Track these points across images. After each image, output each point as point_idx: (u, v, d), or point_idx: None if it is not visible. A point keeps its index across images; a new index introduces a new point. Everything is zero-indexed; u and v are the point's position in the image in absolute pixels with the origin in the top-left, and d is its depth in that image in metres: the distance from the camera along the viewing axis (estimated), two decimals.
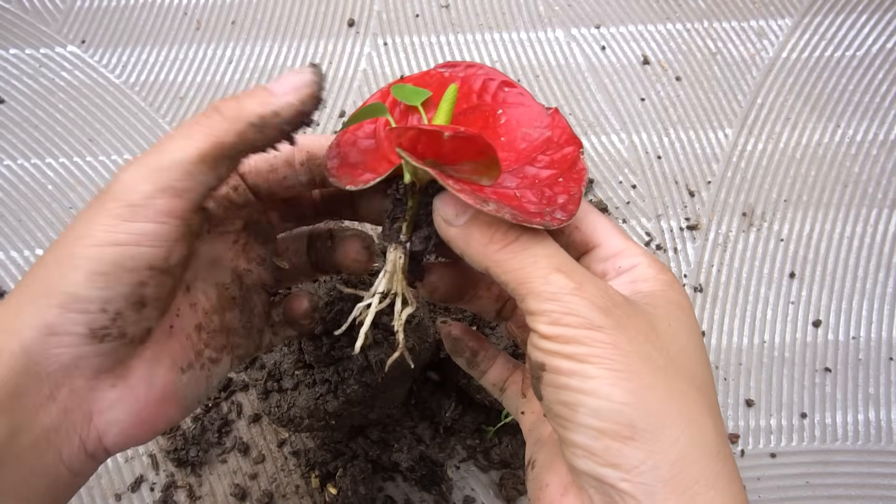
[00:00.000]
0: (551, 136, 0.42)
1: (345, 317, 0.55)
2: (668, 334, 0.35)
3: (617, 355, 0.32)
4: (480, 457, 0.71)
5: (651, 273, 0.38)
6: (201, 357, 0.42)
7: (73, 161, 0.87)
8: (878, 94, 0.92)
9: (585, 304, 0.33)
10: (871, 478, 0.72)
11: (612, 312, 0.33)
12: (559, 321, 0.33)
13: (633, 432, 0.31)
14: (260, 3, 0.99)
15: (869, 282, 0.82)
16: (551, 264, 0.34)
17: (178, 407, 0.41)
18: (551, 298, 0.33)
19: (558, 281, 0.34)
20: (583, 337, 0.32)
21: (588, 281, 0.34)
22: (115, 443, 0.37)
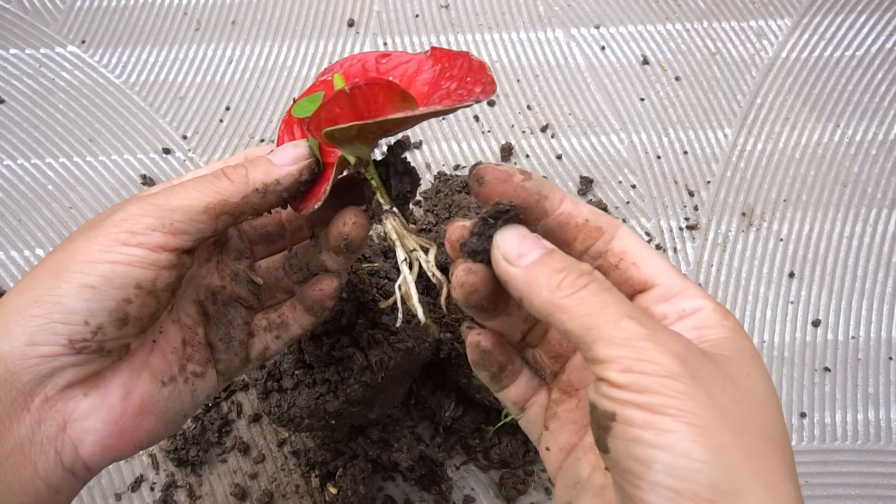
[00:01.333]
0: (442, 66, 0.43)
1: (345, 316, 0.55)
2: (744, 387, 0.32)
3: (696, 408, 0.30)
4: (480, 457, 0.71)
5: (717, 318, 0.35)
6: (184, 371, 0.43)
7: (73, 161, 0.87)
8: (878, 94, 0.92)
9: (660, 350, 0.31)
10: (870, 477, 0.72)
11: (688, 361, 0.31)
12: (632, 368, 0.31)
13: (715, 495, 0.29)
14: (260, 3, 0.99)
15: (868, 281, 0.82)
16: (621, 311, 0.32)
17: (160, 420, 0.41)
18: (623, 345, 0.31)
19: (630, 327, 0.32)
20: (659, 386, 0.30)
21: (660, 328, 0.32)
22: (93, 453, 0.38)
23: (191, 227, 0.38)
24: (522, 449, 0.70)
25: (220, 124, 0.90)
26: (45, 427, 0.36)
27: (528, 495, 0.70)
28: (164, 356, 0.42)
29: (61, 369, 0.36)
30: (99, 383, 0.38)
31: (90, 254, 0.36)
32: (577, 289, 0.34)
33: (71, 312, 0.35)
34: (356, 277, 0.57)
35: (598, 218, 0.39)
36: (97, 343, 0.37)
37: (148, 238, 0.37)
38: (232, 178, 0.40)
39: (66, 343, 0.36)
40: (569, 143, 0.89)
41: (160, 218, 0.37)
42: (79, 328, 0.36)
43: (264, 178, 0.40)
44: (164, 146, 0.88)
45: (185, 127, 0.90)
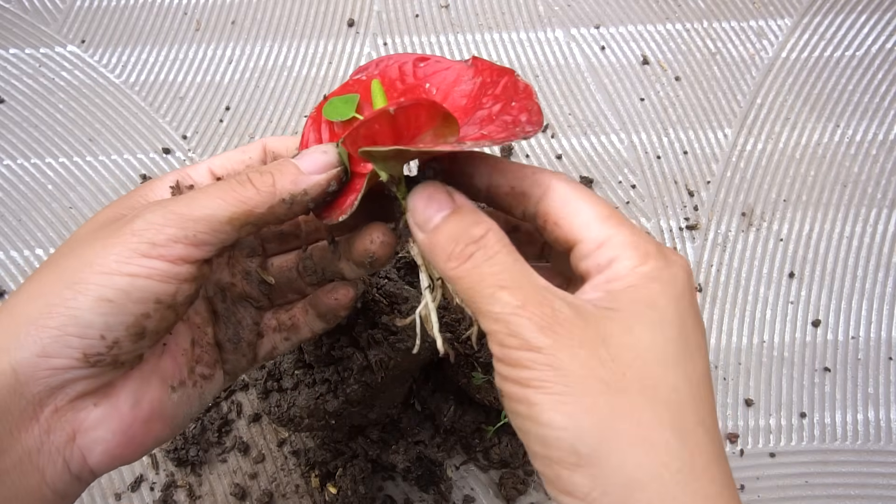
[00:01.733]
0: (483, 80, 0.42)
1: (348, 316, 0.55)
2: (622, 343, 0.32)
3: (557, 377, 0.30)
4: (480, 456, 0.71)
5: (627, 267, 0.34)
6: (193, 374, 0.42)
7: (73, 161, 0.87)
8: (878, 94, 0.92)
9: (525, 323, 0.31)
10: (870, 477, 0.72)
11: (553, 330, 0.31)
12: (504, 342, 0.32)
13: (579, 459, 0.30)
14: (260, 3, 0.99)
15: (868, 281, 0.82)
16: (497, 282, 0.33)
17: (168, 426, 0.40)
18: (496, 319, 0.32)
19: (502, 299, 0.32)
20: (525, 360, 0.31)
21: (532, 296, 0.32)
22: (101, 462, 0.37)
23: (213, 238, 0.37)
24: (522, 449, 0.71)
25: (220, 124, 0.90)
26: (53, 437, 0.35)
27: (528, 495, 0.70)
28: (174, 359, 0.41)
29: (73, 381, 0.35)
30: (109, 393, 0.38)
31: (107, 265, 0.35)
32: (463, 260, 0.34)
33: (87, 326, 0.34)
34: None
35: (522, 183, 0.37)
36: (112, 357, 0.36)
37: (170, 250, 0.35)
38: (258, 186, 0.38)
39: (81, 357, 0.35)
40: (569, 143, 0.89)
41: (183, 229, 0.36)
42: (94, 342, 0.35)
43: (292, 187, 0.38)
44: (164, 146, 0.88)
45: (185, 127, 0.90)
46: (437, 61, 0.44)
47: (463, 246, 0.34)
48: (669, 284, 0.34)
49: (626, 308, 0.33)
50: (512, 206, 0.38)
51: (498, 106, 0.39)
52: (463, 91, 0.42)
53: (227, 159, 0.43)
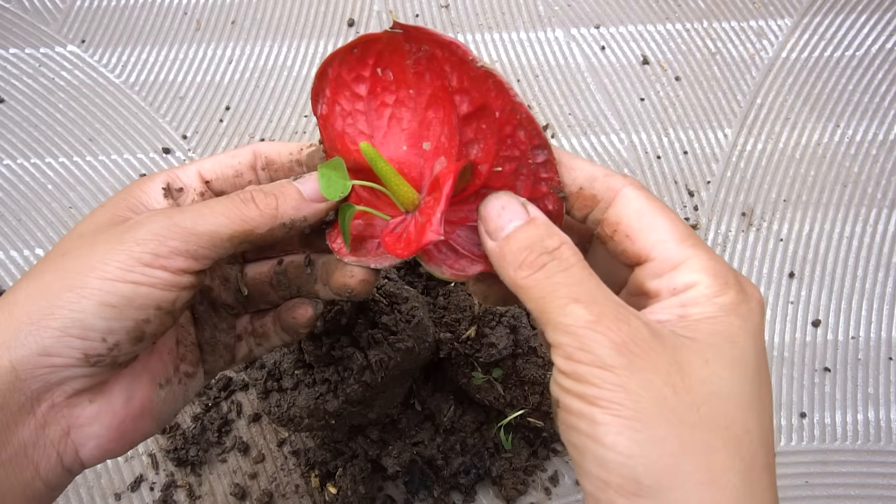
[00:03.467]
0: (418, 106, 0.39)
1: (344, 316, 0.55)
2: (698, 374, 0.31)
3: (628, 400, 0.29)
4: (481, 456, 0.71)
5: (705, 295, 0.33)
6: (178, 372, 0.43)
7: (72, 161, 0.87)
8: (878, 94, 0.92)
9: (599, 339, 0.31)
10: (870, 478, 0.72)
11: (628, 349, 0.30)
12: (572, 356, 0.31)
13: (639, 489, 0.29)
14: (260, 3, 0.99)
15: (868, 282, 0.82)
16: (570, 294, 0.32)
17: (154, 421, 0.42)
18: (566, 331, 0.31)
19: (575, 312, 0.31)
20: (593, 377, 0.30)
21: (608, 313, 0.31)
22: (92, 455, 0.38)
23: (213, 253, 0.38)
24: (526, 450, 0.70)
25: (220, 124, 0.90)
26: (49, 431, 0.36)
27: (528, 495, 0.70)
28: (161, 357, 0.43)
29: (71, 379, 0.36)
30: (104, 390, 0.39)
31: (111, 271, 0.36)
32: (536, 269, 0.34)
33: (89, 329, 0.35)
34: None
35: (594, 185, 0.37)
36: (111, 358, 0.37)
37: (171, 262, 0.37)
38: (261, 207, 0.39)
39: (82, 357, 0.36)
40: (569, 143, 0.89)
41: (186, 242, 0.37)
42: (96, 344, 0.36)
43: (294, 213, 0.40)
44: (163, 146, 0.88)
45: (184, 127, 0.90)
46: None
47: (536, 255, 0.34)
48: (748, 321, 0.33)
49: (704, 339, 0.32)
50: (574, 206, 0.38)
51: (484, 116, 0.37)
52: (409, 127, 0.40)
53: (217, 163, 0.44)
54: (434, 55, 0.37)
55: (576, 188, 0.37)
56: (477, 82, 0.36)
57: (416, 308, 0.59)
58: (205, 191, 0.43)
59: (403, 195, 0.38)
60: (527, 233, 0.35)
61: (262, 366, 0.61)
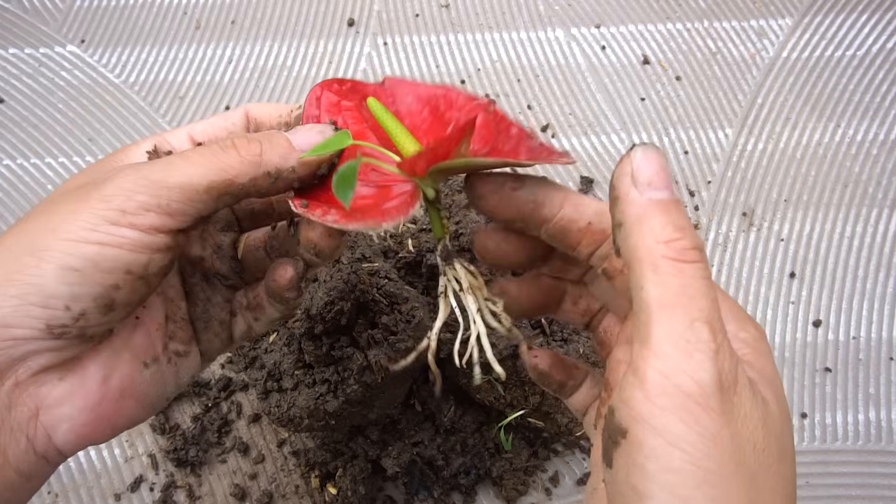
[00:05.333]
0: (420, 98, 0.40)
1: (344, 316, 0.55)
2: (776, 431, 0.29)
3: (713, 451, 0.27)
4: (482, 456, 0.71)
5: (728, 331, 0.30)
6: (167, 351, 0.40)
7: (72, 161, 0.87)
8: (879, 94, 0.92)
9: (713, 372, 0.27)
10: (871, 478, 0.72)
11: (730, 395, 0.27)
12: (672, 376, 0.27)
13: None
14: (260, 2, 0.98)
15: (869, 282, 0.82)
16: (706, 312, 0.28)
17: (140, 404, 0.38)
18: (681, 347, 0.27)
19: (702, 332, 0.28)
20: (684, 412, 0.27)
21: (727, 349, 0.28)
22: (67, 441, 0.35)
23: (189, 208, 0.34)
24: (526, 450, 0.70)
25: None
26: (15, 413, 0.33)
27: (529, 495, 0.70)
28: (148, 334, 0.39)
29: (35, 353, 0.33)
30: (75, 367, 0.35)
31: (74, 231, 0.32)
32: (685, 259, 0.29)
33: (50, 296, 0.32)
34: (356, 277, 0.57)
35: (603, 219, 0.35)
36: (78, 329, 0.33)
37: (141, 219, 0.33)
38: (243, 154, 0.35)
39: (44, 328, 0.32)
40: (569, 142, 0.89)
41: (156, 196, 0.33)
42: (59, 313, 0.32)
43: (280, 161, 0.35)
44: None
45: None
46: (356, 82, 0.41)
47: (691, 245, 0.29)
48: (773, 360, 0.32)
49: (772, 392, 0.30)
50: (582, 242, 0.36)
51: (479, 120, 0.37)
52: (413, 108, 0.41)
53: (209, 125, 0.41)
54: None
55: (584, 223, 0.35)
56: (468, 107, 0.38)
57: (416, 308, 0.59)
58: None
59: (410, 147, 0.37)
60: (679, 213, 0.30)
61: (263, 366, 0.61)
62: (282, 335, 0.62)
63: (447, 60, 0.94)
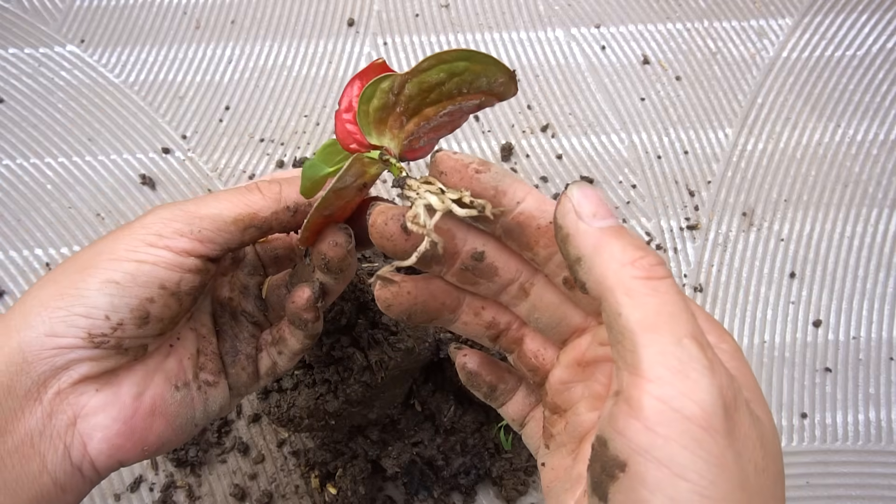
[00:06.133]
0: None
1: (344, 316, 0.55)
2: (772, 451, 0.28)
3: (720, 479, 0.25)
4: (482, 456, 0.71)
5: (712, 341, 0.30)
6: (198, 379, 0.43)
7: (72, 161, 0.87)
8: (879, 94, 0.92)
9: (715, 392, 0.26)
10: (871, 478, 0.72)
11: (731, 413, 0.26)
12: (671, 401, 0.25)
13: None
14: (260, 2, 0.98)
15: (869, 282, 0.82)
16: (690, 327, 0.27)
17: (170, 425, 0.41)
18: (676, 369, 0.26)
19: (692, 349, 0.26)
20: (690, 439, 0.25)
21: (719, 365, 0.27)
22: (101, 451, 0.37)
23: (218, 237, 0.39)
24: (526, 450, 0.70)
25: (219, 124, 0.90)
26: (55, 420, 0.36)
27: (529, 495, 0.70)
28: (180, 361, 0.42)
29: (77, 362, 0.36)
30: (112, 380, 0.39)
31: (116, 252, 0.37)
32: (656, 276, 0.28)
33: (93, 306, 0.36)
34: (356, 278, 0.57)
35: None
36: (116, 339, 0.37)
37: (175, 242, 0.38)
38: (265, 192, 0.40)
39: (86, 336, 0.36)
40: (569, 142, 0.89)
41: (189, 224, 0.38)
42: (99, 322, 0.36)
43: (297, 197, 0.40)
44: (163, 146, 0.88)
45: (184, 126, 0.90)
46: None
47: (656, 262, 0.28)
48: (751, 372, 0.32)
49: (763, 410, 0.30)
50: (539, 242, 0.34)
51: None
52: None
53: None
54: None
55: (544, 222, 0.34)
56: None
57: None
58: None
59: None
60: (632, 235, 0.30)
61: None
62: None
63: None
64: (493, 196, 0.33)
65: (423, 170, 0.87)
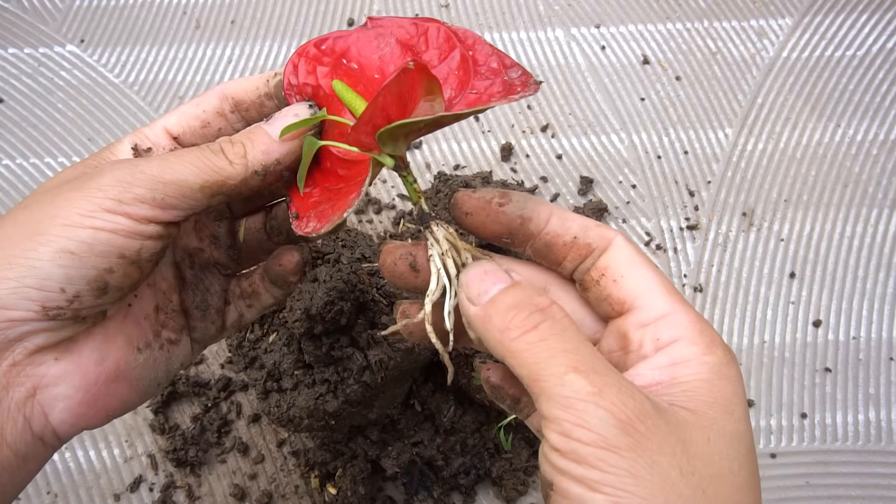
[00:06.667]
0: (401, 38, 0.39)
1: (344, 316, 0.55)
2: (702, 453, 0.29)
3: (634, 486, 0.27)
4: (481, 456, 0.71)
5: (694, 353, 0.32)
6: (159, 338, 0.41)
7: (72, 160, 0.87)
8: (878, 94, 0.92)
9: (602, 415, 0.28)
10: (871, 478, 0.72)
11: (634, 428, 0.28)
12: (570, 434, 0.28)
13: None
14: (259, 2, 0.98)
15: (869, 282, 0.82)
16: (569, 362, 0.29)
17: (133, 389, 0.39)
18: (564, 405, 0.28)
19: (575, 383, 0.29)
20: (595, 459, 0.28)
21: (611, 385, 0.29)
22: (63, 420, 0.36)
23: (182, 203, 0.36)
24: (526, 450, 0.70)
25: None
26: (12, 393, 0.34)
27: (528, 496, 0.70)
28: (138, 322, 0.40)
29: (31, 333, 0.34)
30: (72, 348, 0.36)
31: (71, 217, 0.34)
32: (527, 329, 0.31)
33: (46, 278, 0.33)
34: (356, 278, 0.57)
35: (588, 233, 0.36)
36: (73, 311, 0.35)
37: (135, 209, 0.34)
38: (230, 157, 0.37)
39: (39, 310, 0.33)
40: (569, 142, 0.89)
41: (152, 190, 0.35)
42: (54, 295, 0.33)
43: (264, 158, 0.37)
44: None
45: None
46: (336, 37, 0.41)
47: (527, 314, 0.31)
48: (738, 385, 0.32)
49: (704, 412, 0.31)
50: (567, 257, 0.37)
51: (454, 60, 0.37)
52: (390, 56, 0.39)
53: (182, 116, 0.41)
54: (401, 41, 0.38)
55: (570, 238, 0.36)
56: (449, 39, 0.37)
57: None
58: (174, 147, 0.41)
59: None
60: (514, 293, 0.33)
61: (262, 366, 0.61)
62: (281, 335, 0.62)
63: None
64: (521, 225, 0.36)
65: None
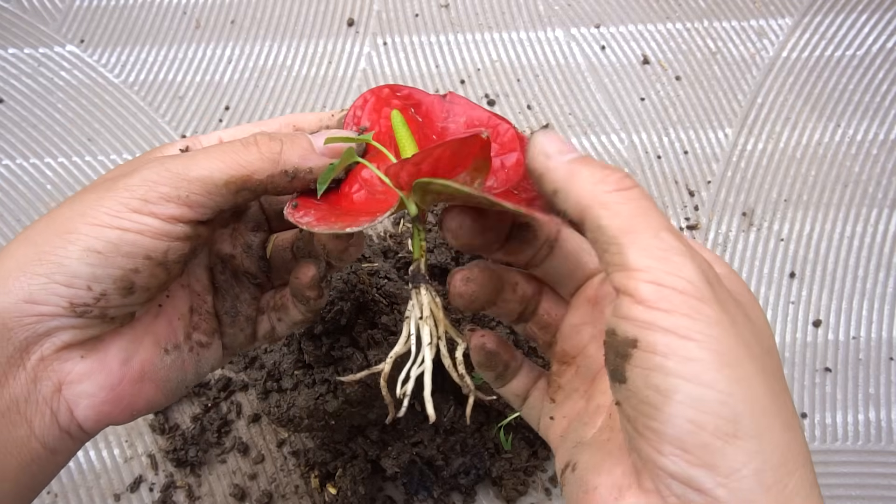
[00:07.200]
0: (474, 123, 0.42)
1: (344, 316, 0.55)
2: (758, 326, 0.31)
3: (723, 336, 0.28)
4: (481, 456, 0.70)
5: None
6: (189, 340, 0.41)
7: (72, 161, 0.87)
8: (878, 94, 0.92)
9: (695, 269, 0.29)
10: (871, 478, 0.72)
11: (717, 288, 0.29)
12: (663, 282, 0.28)
13: (737, 429, 0.27)
14: (260, 2, 0.98)
15: (869, 282, 0.82)
16: (662, 223, 0.30)
17: (159, 389, 0.40)
18: (660, 256, 0.29)
19: (669, 239, 0.29)
20: (687, 307, 0.28)
21: (697, 252, 0.31)
22: (87, 417, 0.37)
23: (208, 201, 0.36)
24: (526, 450, 0.70)
25: (219, 124, 0.90)
26: (40, 386, 0.35)
27: (528, 496, 0.70)
28: (170, 322, 0.41)
29: (59, 329, 0.35)
30: (98, 347, 0.37)
31: (98, 216, 0.34)
32: (623, 188, 0.31)
33: (74, 276, 0.34)
34: (356, 278, 0.57)
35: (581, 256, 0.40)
36: (99, 309, 0.35)
37: (161, 208, 0.35)
38: (263, 150, 0.37)
39: (67, 305, 0.34)
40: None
41: (177, 188, 0.35)
42: (81, 292, 0.34)
43: (299, 161, 0.37)
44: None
45: (184, 126, 0.89)
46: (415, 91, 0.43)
47: (622, 175, 0.32)
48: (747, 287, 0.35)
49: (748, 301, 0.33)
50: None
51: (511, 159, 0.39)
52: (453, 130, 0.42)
53: (239, 128, 0.42)
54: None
55: None
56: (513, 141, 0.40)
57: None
58: None
59: None
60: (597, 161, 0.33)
61: (262, 366, 0.61)
62: None
63: (447, 60, 0.94)
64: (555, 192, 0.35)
65: None
